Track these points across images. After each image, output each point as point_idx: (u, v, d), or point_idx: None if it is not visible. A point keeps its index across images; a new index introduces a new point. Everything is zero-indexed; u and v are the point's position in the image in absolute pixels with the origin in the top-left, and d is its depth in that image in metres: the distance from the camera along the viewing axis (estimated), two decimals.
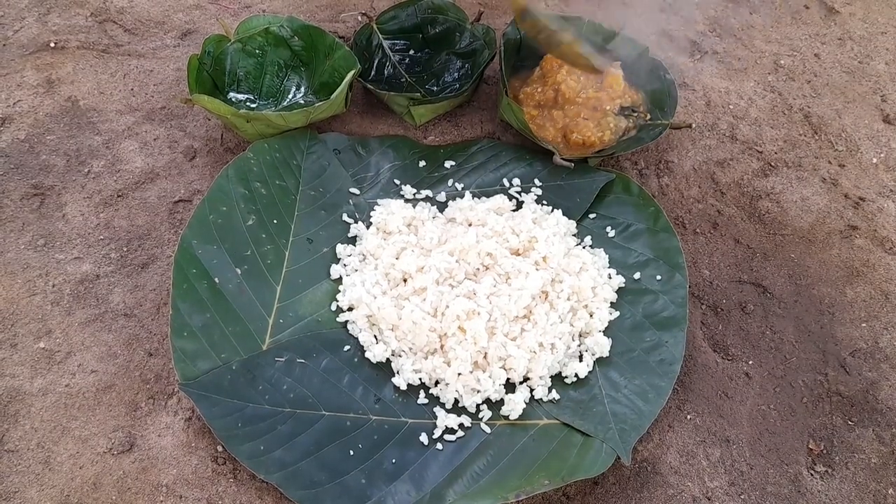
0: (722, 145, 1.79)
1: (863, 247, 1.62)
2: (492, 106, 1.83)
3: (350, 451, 1.26)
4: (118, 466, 1.27)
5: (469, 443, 1.29)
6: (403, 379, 1.35)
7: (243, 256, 1.46)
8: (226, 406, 1.28)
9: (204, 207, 1.50)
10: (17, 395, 1.33)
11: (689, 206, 1.67)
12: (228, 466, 1.28)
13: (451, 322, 1.36)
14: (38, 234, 1.53)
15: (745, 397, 1.41)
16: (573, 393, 1.37)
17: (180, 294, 1.39)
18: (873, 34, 2.08)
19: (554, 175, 1.65)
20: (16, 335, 1.40)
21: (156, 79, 1.84)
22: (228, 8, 2.03)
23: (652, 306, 1.46)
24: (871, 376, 1.44)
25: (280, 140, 1.63)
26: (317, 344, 1.37)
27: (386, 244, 1.49)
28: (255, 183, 1.56)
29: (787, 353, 1.46)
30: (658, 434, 1.36)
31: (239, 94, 1.75)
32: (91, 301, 1.45)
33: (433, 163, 1.68)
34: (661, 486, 1.30)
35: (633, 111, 1.69)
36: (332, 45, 1.73)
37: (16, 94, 1.77)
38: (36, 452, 1.27)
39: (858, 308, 1.53)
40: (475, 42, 1.83)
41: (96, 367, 1.37)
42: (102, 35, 1.93)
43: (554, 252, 1.45)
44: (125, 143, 1.70)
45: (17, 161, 1.64)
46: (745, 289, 1.55)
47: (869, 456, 1.35)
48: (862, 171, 1.75)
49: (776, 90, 1.92)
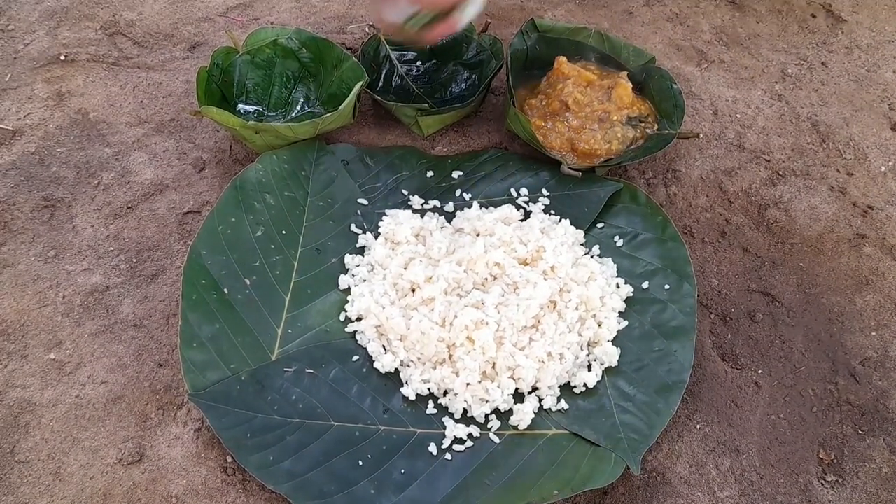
0: (730, 154, 1.79)
1: (872, 255, 1.61)
2: (499, 116, 1.84)
3: (359, 462, 1.26)
4: (128, 477, 1.27)
5: (478, 453, 1.29)
6: (412, 389, 1.35)
7: (252, 267, 1.47)
8: (235, 417, 1.29)
9: (213, 219, 1.51)
10: (28, 406, 1.33)
11: (697, 215, 1.67)
12: (238, 477, 1.28)
13: (460, 332, 1.36)
14: (48, 246, 1.54)
15: (755, 407, 1.40)
16: (582, 403, 1.37)
17: (189, 305, 1.39)
18: (881, 42, 2.08)
19: (562, 185, 1.65)
20: (26, 346, 1.41)
21: (165, 91, 1.85)
22: (237, 20, 2.04)
23: (660, 316, 1.46)
24: (881, 385, 1.43)
25: (288, 151, 1.64)
26: (325, 354, 1.38)
27: (394, 254, 1.50)
28: (263, 194, 1.57)
29: (796, 363, 1.46)
30: (667, 444, 1.35)
31: (247, 106, 1.76)
32: (101, 312, 1.46)
33: (441, 173, 1.68)
34: (670, 497, 1.29)
35: (640, 121, 1.69)
36: (340, 56, 1.73)
37: (26, 106, 1.78)
38: (46, 463, 1.28)
39: (868, 317, 1.53)
40: (482, 53, 1.84)
41: (106, 378, 1.38)
42: (112, 48, 1.94)
43: (562, 262, 1.45)
44: (135, 154, 1.71)
45: (28, 173, 1.65)
46: (754, 298, 1.55)
47: (880, 465, 1.34)
48: (870, 179, 1.75)
49: (783, 99, 1.92)
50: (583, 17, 2.11)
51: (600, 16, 2.12)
